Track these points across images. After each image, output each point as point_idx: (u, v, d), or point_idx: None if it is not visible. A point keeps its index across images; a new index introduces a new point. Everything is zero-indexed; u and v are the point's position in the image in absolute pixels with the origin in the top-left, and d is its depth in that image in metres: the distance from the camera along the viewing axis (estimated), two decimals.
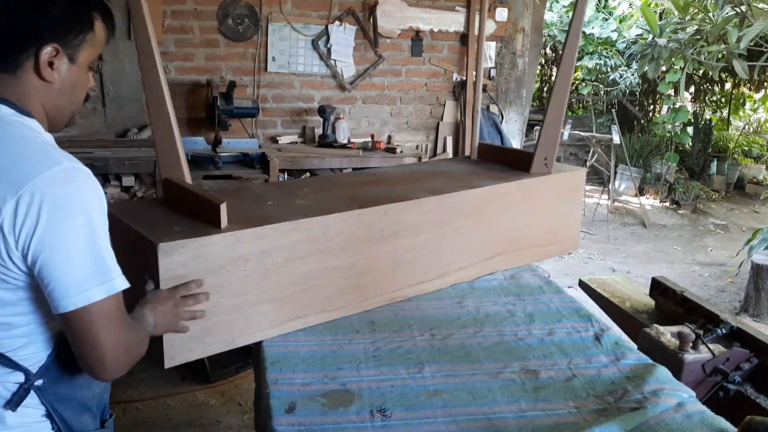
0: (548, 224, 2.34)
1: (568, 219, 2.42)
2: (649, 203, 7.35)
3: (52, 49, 1.07)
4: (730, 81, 8.86)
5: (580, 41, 2.20)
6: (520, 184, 2.21)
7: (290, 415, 1.42)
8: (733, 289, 5.03)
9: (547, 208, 2.32)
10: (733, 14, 4.95)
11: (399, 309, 1.94)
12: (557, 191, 2.34)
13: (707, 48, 5.45)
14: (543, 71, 10.67)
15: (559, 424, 1.43)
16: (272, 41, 4.36)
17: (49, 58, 1.07)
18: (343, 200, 1.91)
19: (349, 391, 1.51)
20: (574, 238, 2.50)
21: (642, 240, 6.26)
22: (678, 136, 7.56)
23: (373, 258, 1.87)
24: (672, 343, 1.91)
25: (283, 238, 1.65)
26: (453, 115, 4.90)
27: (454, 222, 2.04)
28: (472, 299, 2.03)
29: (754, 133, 9.76)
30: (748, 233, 5.61)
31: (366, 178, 2.29)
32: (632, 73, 8.32)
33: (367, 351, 1.71)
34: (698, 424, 1.42)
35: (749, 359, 1.90)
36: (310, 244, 1.71)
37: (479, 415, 1.45)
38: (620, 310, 2.44)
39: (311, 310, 1.76)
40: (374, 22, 4.50)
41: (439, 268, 2.05)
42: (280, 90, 4.49)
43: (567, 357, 1.71)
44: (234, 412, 2.98)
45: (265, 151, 4.05)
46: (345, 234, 1.78)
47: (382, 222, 1.86)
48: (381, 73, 4.68)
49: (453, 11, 4.70)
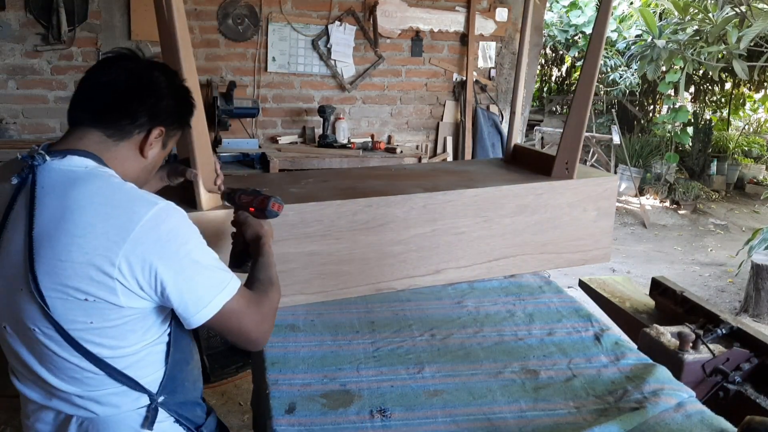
0: (569, 231, 2.25)
1: (593, 227, 2.30)
2: (649, 203, 7.35)
3: (159, 131, 1.22)
4: (730, 81, 8.86)
5: (603, 44, 2.09)
6: (532, 188, 2.16)
7: (290, 416, 1.42)
8: (733, 289, 5.03)
9: (568, 214, 2.24)
10: (733, 14, 4.94)
11: (399, 309, 1.94)
12: (580, 198, 2.25)
13: (707, 48, 5.45)
14: (543, 71, 10.67)
15: (559, 424, 1.43)
16: (272, 41, 4.36)
17: (155, 138, 1.22)
18: (335, 191, 1.98)
19: (349, 392, 1.51)
20: (603, 249, 2.36)
21: (642, 240, 6.26)
22: (678, 136, 7.55)
23: (356, 247, 1.93)
24: (672, 343, 1.91)
25: None
26: (453, 115, 4.90)
27: (450, 220, 2.04)
28: (472, 299, 2.03)
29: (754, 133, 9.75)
30: (748, 233, 5.61)
31: (379, 172, 2.33)
32: (632, 74, 8.31)
33: (366, 351, 1.71)
34: (698, 424, 1.42)
35: (749, 359, 1.90)
36: (286, 229, 1.81)
37: (479, 415, 1.45)
38: (620, 310, 2.44)
39: (288, 291, 1.84)
40: (374, 22, 4.50)
41: (432, 264, 2.05)
42: (280, 90, 4.49)
43: (567, 357, 1.71)
44: (234, 412, 2.98)
45: (265, 151, 4.05)
46: (324, 222, 1.87)
47: (366, 214, 1.92)
48: (381, 73, 4.68)
49: (453, 11, 4.70)
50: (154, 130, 1.21)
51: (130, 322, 1.13)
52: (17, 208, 1.11)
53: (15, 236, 1.10)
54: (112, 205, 1.08)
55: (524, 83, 2.51)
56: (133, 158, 1.22)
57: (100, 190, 1.10)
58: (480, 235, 2.11)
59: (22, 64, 3.97)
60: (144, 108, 1.19)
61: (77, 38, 4.01)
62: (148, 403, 1.20)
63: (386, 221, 1.95)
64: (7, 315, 1.14)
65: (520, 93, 2.46)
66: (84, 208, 1.07)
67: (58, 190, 1.09)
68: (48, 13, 3.91)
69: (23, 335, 1.14)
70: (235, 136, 4.30)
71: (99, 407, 1.17)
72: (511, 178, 2.25)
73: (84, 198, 1.08)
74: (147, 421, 1.20)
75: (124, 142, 1.19)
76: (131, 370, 1.17)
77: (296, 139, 4.53)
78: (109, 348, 1.13)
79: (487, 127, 4.84)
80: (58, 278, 1.06)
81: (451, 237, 2.06)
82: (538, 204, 2.18)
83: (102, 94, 1.18)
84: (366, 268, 1.96)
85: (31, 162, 1.11)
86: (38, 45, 3.95)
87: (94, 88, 1.19)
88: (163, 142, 1.25)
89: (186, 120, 1.31)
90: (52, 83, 4.04)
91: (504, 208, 2.13)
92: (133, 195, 1.12)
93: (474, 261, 2.13)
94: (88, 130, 1.17)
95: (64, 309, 1.08)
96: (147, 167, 1.25)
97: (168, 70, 1.27)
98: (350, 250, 1.92)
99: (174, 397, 1.24)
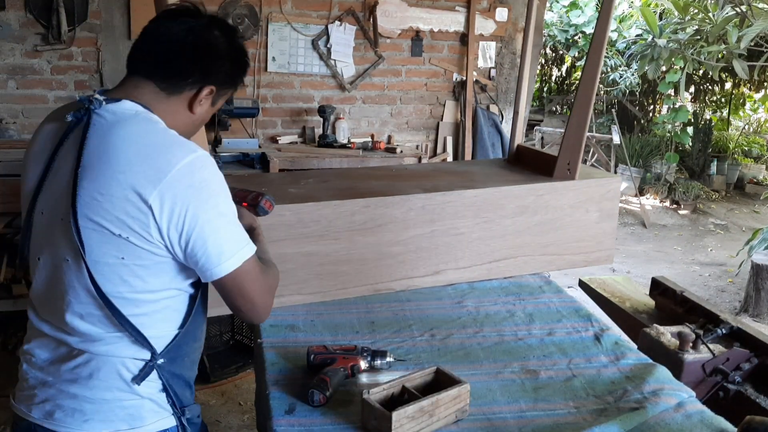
0: (570, 233, 2.24)
1: (596, 229, 2.29)
2: (649, 203, 7.34)
3: (209, 90, 1.25)
4: (730, 81, 8.85)
5: (605, 43, 2.09)
6: (533, 189, 2.15)
7: (290, 416, 1.42)
8: (733, 289, 5.03)
9: (569, 215, 2.23)
10: (733, 14, 4.94)
11: (399, 309, 1.94)
12: (582, 199, 2.23)
13: (707, 48, 5.44)
14: (543, 71, 10.67)
15: (558, 424, 1.43)
16: (272, 41, 4.36)
17: (205, 95, 1.25)
18: (334, 191, 1.97)
19: (349, 392, 1.51)
20: (606, 250, 2.35)
21: (642, 240, 6.26)
22: (678, 136, 7.55)
23: (354, 248, 1.92)
24: (672, 343, 1.91)
25: None
26: (453, 115, 4.90)
27: (449, 221, 2.04)
28: (472, 299, 2.03)
29: (754, 133, 9.74)
30: (748, 233, 5.61)
31: (380, 172, 2.33)
32: (632, 73, 8.31)
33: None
34: (698, 424, 1.42)
35: (749, 359, 1.90)
36: (283, 229, 1.81)
37: (479, 415, 1.45)
38: (620, 310, 2.44)
39: (286, 291, 1.83)
40: (374, 22, 4.50)
41: (432, 265, 2.05)
42: (280, 90, 4.49)
43: (567, 357, 1.71)
44: (234, 412, 2.98)
45: (265, 151, 4.05)
46: (322, 223, 1.86)
47: (364, 214, 1.91)
48: (381, 73, 4.68)
49: (453, 11, 4.70)
50: (204, 89, 1.24)
51: (160, 264, 1.16)
52: (67, 144, 1.17)
53: (62, 170, 1.16)
54: (152, 147, 1.13)
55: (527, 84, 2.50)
56: (182, 112, 1.25)
57: (143, 131, 1.15)
58: (480, 236, 2.11)
59: (22, 64, 3.97)
60: (198, 67, 1.22)
61: (77, 38, 4.01)
62: (147, 358, 1.20)
63: (384, 222, 1.95)
64: (45, 244, 1.20)
65: (523, 95, 2.46)
66: (127, 146, 1.12)
67: (106, 129, 1.15)
68: (48, 13, 3.91)
69: (54, 266, 1.18)
70: (235, 136, 4.30)
71: (101, 347, 1.18)
72: (512, 178, 2.24)
73: (128, 137, 1.13)
74: (138, 377, 1.19)
75: (175, 96, 1.23)
76: (144, 319, 1.18)
77: (296, 139, 4.53)
78: (132, 289, 1.15)
79: (487, 127, 4.84)
80: (96, 211, 1.11)
81: (451, 238, 2.06)
82: (539, 205, 2.17)
83: (159, 49, 1.22)
84: (364, 268, 1.96)
85: (88, 105, 1.16)
86: (38, 45, 3.95)
87: (153, 40, 1.23)
88: (213, 100, 1.29)
89: (238, 81, 1.33)
90: (52, 83, 4.04)
91: (504, 209, 2.12)
92: (174, 140, 1.16)
93: (474, 262, 2.13)
94: (143, 81, 1.22)
95: (98, 242, 1.12)
96: (195, 122, 1.29)
97: (228, 28, 1.29)
98: (348, 251, 1.92)
99: (172, 366, 1.24)
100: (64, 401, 1.18)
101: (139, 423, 1.20)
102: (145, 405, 1.21)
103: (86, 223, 1.11)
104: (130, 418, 1.19)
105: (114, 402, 1.18)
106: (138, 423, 1.20)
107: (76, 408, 1.18)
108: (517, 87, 2.46)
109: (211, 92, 1.26)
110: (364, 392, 1.36)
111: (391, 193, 1.98)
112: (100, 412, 1.18)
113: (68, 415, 1.18)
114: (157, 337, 1.20)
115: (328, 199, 1.89)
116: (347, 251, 1.92)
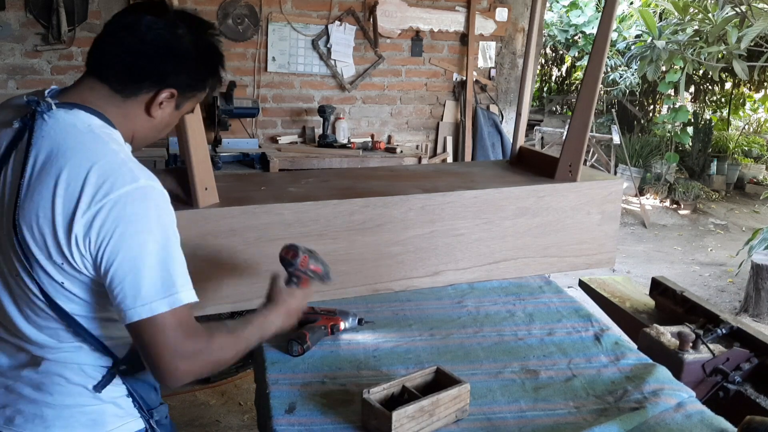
0: (572, 235, 2.23)
1: (597, 231, 2.27)
2: (649, 203, 7.34)
3: (169, 93, 1.17)
4: (730, 81, 8.85)
5: (608, 46, 2.06)
6: (533, 190, 2.15)
7: (290, 416, 1.42)
8: (733, 289, 5.03)
9: (571, 217, 2.22)
10: (733, 14, 4.94)
11: (398, 309, 1.94)
12: (583, 201, 2.22)
13: (707, 48, 5.44)
14: (543, 71, 10.67)
15: (559, 424, 1.43)
16: (272, 41, 4.36)
17: (163, 99, 1.17)
18: (333, 191, 1.98)
19: (349, 392, 1.51)
20: (608, 253, 2.33)
21: (642, 240, 6.26)
22: (678, 136, 7.55)
23: (353, 248, 1.92)
24: (672, 343, 1.91)
25: (253, 220, 1.76)
26: (453, 115, 4.90)
27: (449, 221, 2.04)
28: (472, 299, 2.03)
29: (754, 133, 9.74)
30: (748, 233, 5.61)
31: (380, 172, 2.34)
32: (632, 73, 8.31)
33: (366, 351, 1.71)
34: (698, 424, 1.42)
35: (749, 359, 1.90)
36: (282, 228, 1.80)
37: (479, 415, 1.45)
38: (620, 310, 2.44)
39: None
40: (374, 22, 4.50)
41: (431, 266, 2.05)
42: (280, 90, 4.49)
43: (567, 357, 1.71)
44: (234, 412, 2.98)
45: (265, 151, 4.05)
46: (320, 222, 1.86)
47: (363, 214, 1.91)
48: (381, 73, 4.68)
49: (453, 11, 4.70)
50: (162, 92, 1.15)
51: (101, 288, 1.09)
52: (17, 152, 1.10)
53: (8, 181, 1.10)
54: (97, 170, 1.05)
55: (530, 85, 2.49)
56: (140, 116, 1.17)
57: (92, 152, 1.07)
58: (480, 237, 2.11)
59: (22, 64, 3.97)
60: (154, 69, 1.14)
61: (77, 38, 4.01)
62: (109, 365, 1.18)
63: (383, 222, 1.94)
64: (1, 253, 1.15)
65: (526, 96, 2.45)
66: (71, 167, 1.05)
67: (55, 144, 1.08)
68: (48, 13, 3.91)
69: (10, 276, 1.13)
70: (235, 136, 4.30)
71: (61, 354, 1.15)
72: (512, 180, 2.24)
73: (74, 157, 1.06)
74: (100, 384, 1.17)
75: (131, 100, 1.15)
76: (103, 329, 1.15)
77: (296, 139, 4.53)
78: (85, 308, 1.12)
79: (487, 127, 4.83)
80: (34, 235, 1.06)
81: (450, 239, 2.05)
82: (539, 207, 2.16)
83: (115, 50, 1.14)
84: (363, 268, 1.95)
85: (35, 107, 1.10)
86: (38, 45, 3.95)
87: (109, 39, 1.15)
88: (177, 104, 1.20)
89: (208, 82, 1.23)
90: (52, 83, 4.00)
91: (504, 211, 2.12)
92: (121, 165, 1.08)
93: (473, 263, 2.12)
94: (98, 83, 1.14)
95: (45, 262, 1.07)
96: (156, 126, 1.21)
97: (197, 25, 1.19)
98: (347, 251, 1.92)
99: (135, 371, 1.21)
100: (25, 407, 1.16)
101: (101, 428, 1.18)
102: (107, 410, 1.18)
103: (29, 243, 1.06)
104: (93, 423, 1.17)
105: (75, 408, 1.16)
106: (100, 428, 1.18)
107: (37, 414, 1.16)
108: (520, 89, 2.45)
109: (171, 95, 1.17)
110: (364, 392, 1.36)
111: (391, 193, 1.97)
112: (61, 417, 1.16)
113: (29, 421, 1.16)
114: (119, 345, 1.18)
115: (328, 198, 1.89)
116: (346, 251, 1.92)
